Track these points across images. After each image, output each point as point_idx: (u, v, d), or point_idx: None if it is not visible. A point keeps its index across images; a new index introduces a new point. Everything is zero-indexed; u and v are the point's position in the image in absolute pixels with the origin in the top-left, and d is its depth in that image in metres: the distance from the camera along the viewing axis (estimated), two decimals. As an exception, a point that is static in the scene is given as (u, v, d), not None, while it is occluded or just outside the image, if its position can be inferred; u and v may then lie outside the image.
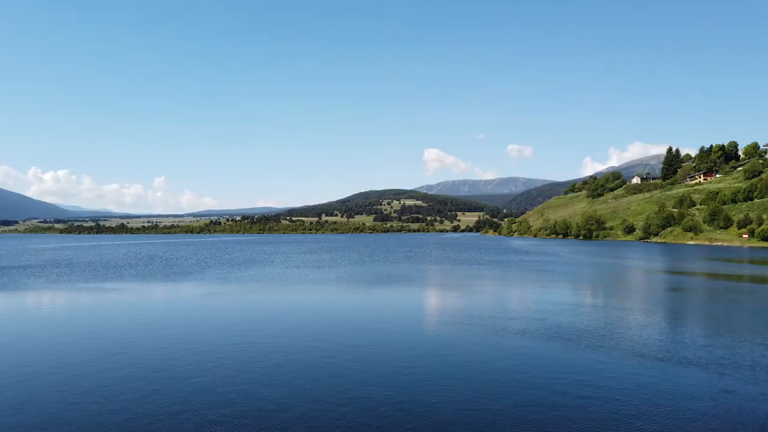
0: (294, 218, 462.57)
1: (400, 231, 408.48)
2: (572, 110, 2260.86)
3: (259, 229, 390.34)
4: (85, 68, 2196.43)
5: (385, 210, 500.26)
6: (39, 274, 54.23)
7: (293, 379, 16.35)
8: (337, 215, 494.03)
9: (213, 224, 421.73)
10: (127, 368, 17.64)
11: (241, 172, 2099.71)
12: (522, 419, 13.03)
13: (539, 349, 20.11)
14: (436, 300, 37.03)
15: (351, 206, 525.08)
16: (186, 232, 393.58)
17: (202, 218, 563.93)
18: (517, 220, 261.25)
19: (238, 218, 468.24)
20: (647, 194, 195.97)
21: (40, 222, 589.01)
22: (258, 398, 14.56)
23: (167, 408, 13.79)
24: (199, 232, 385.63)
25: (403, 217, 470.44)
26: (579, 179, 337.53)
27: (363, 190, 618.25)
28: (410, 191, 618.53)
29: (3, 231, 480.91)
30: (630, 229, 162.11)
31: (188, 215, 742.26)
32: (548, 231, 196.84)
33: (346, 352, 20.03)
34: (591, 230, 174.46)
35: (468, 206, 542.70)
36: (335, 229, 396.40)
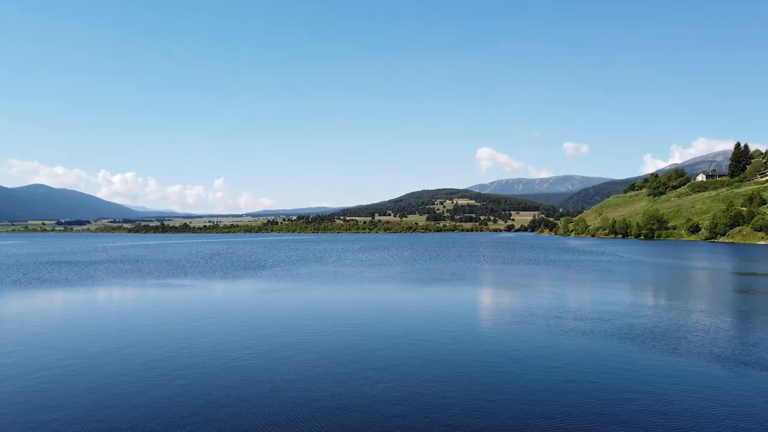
0: (348, 218, 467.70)
1: (453, 230, 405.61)
2: (631, 106, 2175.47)
3: (314, 229, 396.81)
4: (148, 76, 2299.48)
5: (438, 209, 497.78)
6: (110, 270, 57.54)
7: (350, 376, 16.84)
8: (389, 215, 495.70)
9: (270, 224, 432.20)
10: (187, 360, 18.67)
11: (296, 172, 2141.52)
12: (597, 423, 13.02)
13: (612, 351, 19.63)
14: (492, 299, 36.84)
15: (404, 206, 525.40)
16: (244, 231, 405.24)
17: (260, 218, 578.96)
18: (573, 219, 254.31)
19: (294, 218, 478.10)
20: (713, 192, 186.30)
21: (110, 222, 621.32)
22: (323, 394, 15.12)
23: (233, 398, 14.58)
24: (256, 232, 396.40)
25: (455, 217, 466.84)
26: (639, 177, 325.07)
27: (415, 190, 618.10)
28: (463, 190, 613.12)
29: (77, 230, 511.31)
30: (695, 229, 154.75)
31: (246, 215, 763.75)
32: (607, 231, 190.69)
33: (402, 350, 20.39)
34: (653, 230, 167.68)
35: (522, 205, 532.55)
36: (388, 228, 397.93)
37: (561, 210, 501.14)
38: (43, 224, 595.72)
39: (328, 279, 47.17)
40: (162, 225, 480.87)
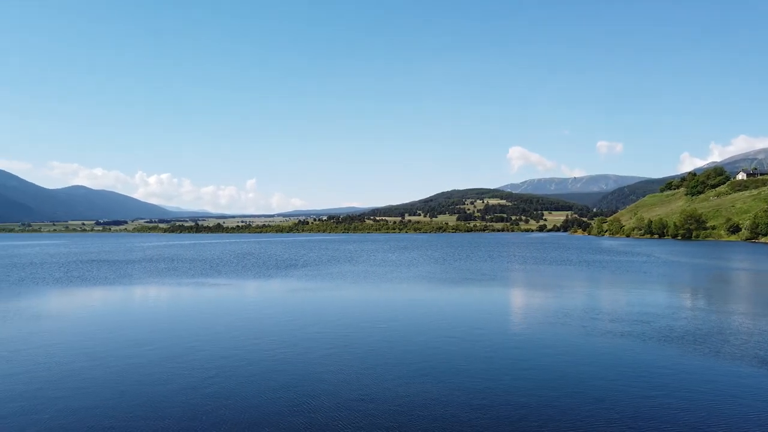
0: (377, 218, 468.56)
1: (484, 230, 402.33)
2: (667, 103, 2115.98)
3: (344, 229, 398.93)
4: (183, 79, 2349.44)
5: (468, 209, 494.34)
6: (146, 269, 58.96)
7: (383, 375, 16.84)
8: (419, 215, 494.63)
9: (301, 224, 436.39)
10: (220, 355, 18.96)
11: (327, 173, 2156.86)
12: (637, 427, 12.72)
13: (652, 354, 19.13)
14: (525, 299, 36.35)
15: (434, 206, 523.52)
16: (276, 231, 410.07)
17: (291, 218, 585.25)
18: (608, 219, 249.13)
19: (325, 218, 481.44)
20: (754, 191, 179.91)
21: (146, 222, 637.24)
22: (356, 390, 15.18)
23: (267, 392, 14.74)
24: (288, 232, 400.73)
25: (486, 217, 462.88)
26: (676, 176, 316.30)
27: (445, 190, 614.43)
28: (494, 190, 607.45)
29: (115, 230, 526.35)
30: (735, 229, 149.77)
31: (278, 215, 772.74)
32: (642, 231, 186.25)
33: (434, 349, 20.29)
34: (690, 230, 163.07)
35: (555, 205, 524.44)
36: (418, 228, 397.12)
37: (594, 210, 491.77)
38: (83, 224, 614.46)
39: (359, 279, 47.31)
40: (196, 225, 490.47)
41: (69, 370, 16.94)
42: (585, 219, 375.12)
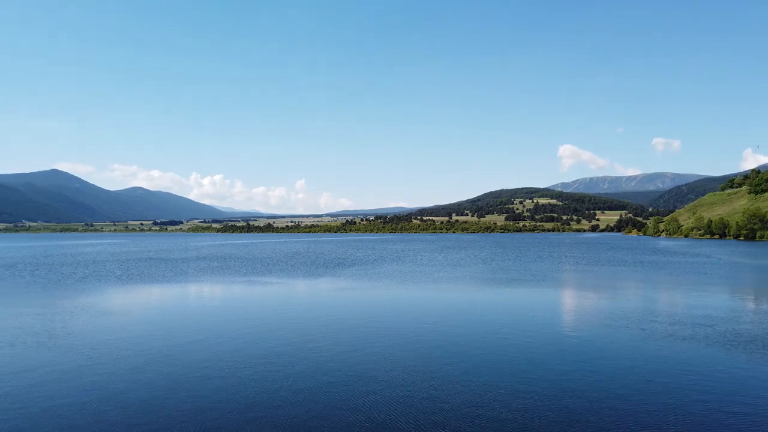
0: (425, 218, 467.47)
1: (533, 230, 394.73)
2: (728, 97, 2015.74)
3: (392, 229, 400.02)
4: (235, 83, 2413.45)
5: (517, 209, 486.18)
6: (201, 268, 60.92)
7: (428, 374, 16.81)
8: (467, 215, 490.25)
9: (349, 224, 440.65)
10: (270, 351, 19.36)
11: (374, 173, 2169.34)
12: None
13: (718, 359, 18.32)
14: (578, 301, 35.44)
15: (481, 205, 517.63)
16: (324, 231, 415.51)
17: (339, 218, 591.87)
18: (664, 219, 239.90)
19: (372, 218, 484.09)
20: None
21: (200, 222, 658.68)
22: (407, 388, 15.21)
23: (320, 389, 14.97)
24: (336, 231, 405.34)
25: (536, 217, 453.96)
26: (738, 173, 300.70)
27: (494, 189, 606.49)
28: (544, 189, 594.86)
29: (171, 230, 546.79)
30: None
31: (326, 215, 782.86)
32: (702, 231, 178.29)
33: (485, 350, 20.08)
34: (754, 230, 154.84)
35: (608, 204, 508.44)
36: (465, 228, 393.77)
37: (650, 209, 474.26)
38: (141, 224, 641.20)
39: (405, 278, 47.32)
40: (247, 225, 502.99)
41: (130, 365, 17.70)
42: (640, 219, 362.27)
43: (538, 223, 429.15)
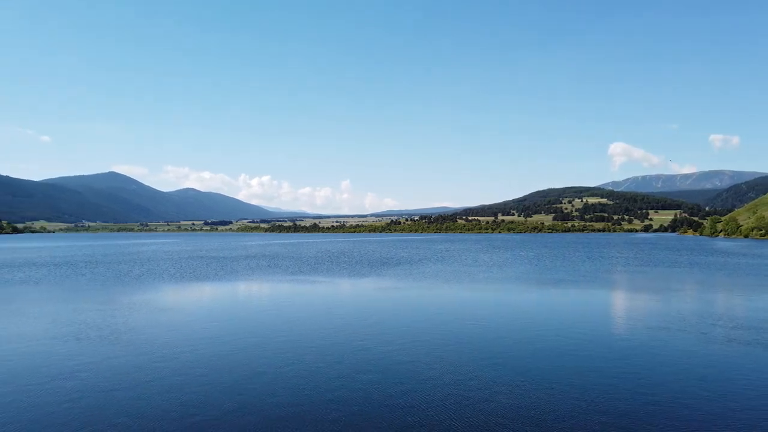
0: (470, 218, 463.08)
1: (583, 231, 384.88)
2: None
3: (436, 229, 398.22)
4: (282, 85, 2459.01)
5: (566, 209, 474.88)
6: (250, 266, 62.51)
7: (471, 375, 16.81)
8: (513, 214, 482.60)
9: (393, 224, 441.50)
10: (317, 349, 19.78)
11: (419, 173, 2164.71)
12: None
13: None
14: (632, 302, 34.49)
15: (528, 205, 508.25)
16: (369, 231, 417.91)
17: (383, 218, 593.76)
18: (722, 218, 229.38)
19: (416, 218, 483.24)
20: None
21: (249, 222, 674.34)
22: (454, 389, 15.31)
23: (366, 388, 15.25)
24: (380, 231, 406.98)
25: (585, 216, 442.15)
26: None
27: (541, 188, 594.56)
28: (593, 188, 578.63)
29: (221, 230, 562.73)
30: None
31: (371, 215, 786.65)
32: (763, 231, 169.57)
33: (533, 351, 19.90)
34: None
35: (662, 204, 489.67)
36: (512, 228, 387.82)
37: (707, 208, 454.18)
38: (193, 224, 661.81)
39: (450, 278, 47.17)
40: (294, 225, 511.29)
41: (185, 360, 18.45)
42: (696, 219, 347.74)
43: (587, 223, 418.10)
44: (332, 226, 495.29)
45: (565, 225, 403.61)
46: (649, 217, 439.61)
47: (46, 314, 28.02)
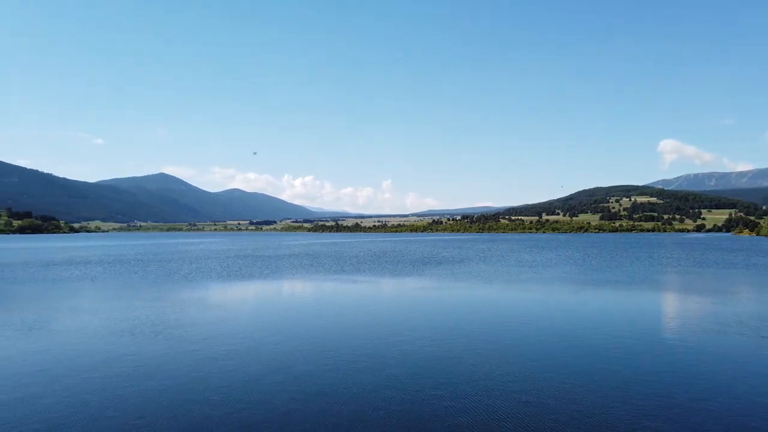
0: (513, 217, 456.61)
1: (631, 231, 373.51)
2: None
3: (478, 228, 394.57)
4: (324, 86, 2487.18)
5: (613, 208, 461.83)
6: (294, 265, 63.58)
7: (529, 379, 16.67)
8: (558, 214, 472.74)
9: (435, 223, 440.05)
10: (363, 347, 19.99)
11: (460, 172, 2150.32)
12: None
13: None
14: (683, 304, 33.32)
15: (574, 204, 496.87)
16: (410, 231, 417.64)
17: (425, 218, 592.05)
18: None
19: (458, 217, 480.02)
20: None
21: (292, 222, 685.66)
22: (500, 396, 15.26)
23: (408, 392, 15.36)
24: (422, 231, 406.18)
25: (634, 216, 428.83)
26: None
27: (587, 187, 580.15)
28: (642, 187, 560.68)
29: (266, 230, 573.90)
30: None
31: (412, 215, 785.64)
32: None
33: (575, 354, 19.58)
34: None
35: (715, 202, 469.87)
36: (556, 228, 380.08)
37: (764, 207, 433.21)
38: (239, 224, 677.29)
39: (492, 278, 46.71)
40: (336, 224, 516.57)
41: (237, 357, 18.99)
42: (752, 218, 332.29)
43: (636, 223, 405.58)
44: (374, 225, 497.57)
45: (613, 225, 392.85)
46: (701, 216, 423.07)
47: (102, 310, 29.31)
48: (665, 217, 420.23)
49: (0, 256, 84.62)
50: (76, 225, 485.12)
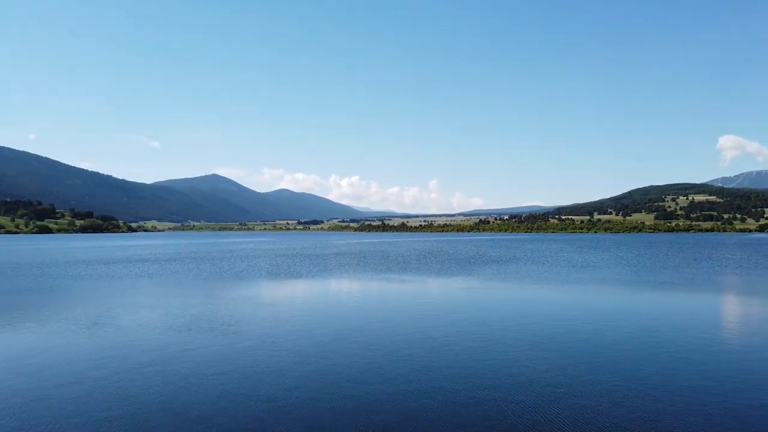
0: (563, 217, 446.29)
1: (688, 230, 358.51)
2: None
3: (527, 228, 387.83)
4: (370, 87, 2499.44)
5: (669, 207, 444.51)
6: (341, 264, 64.41)
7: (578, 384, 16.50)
8: (610, 213, 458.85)
9: (482, 223, 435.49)
10: (406, 346, 20.18)
11: (507, 171, 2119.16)
12: None
13: None
14: (746, 308, 31.94)
15: (627, 203, 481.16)
16: (457, 230, 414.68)
17: (471, 217, 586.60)
18: None
19: (506, 217, 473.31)
20: None
21: (339, 221, 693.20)
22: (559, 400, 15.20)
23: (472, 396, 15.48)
24: (469, 231, 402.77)
25: (691, 215, 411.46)
26: None
27: (641, 186, 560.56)
28: (700, 185, 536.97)
29: (313, 229, 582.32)
30: None
31: (459, 214, 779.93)
32: None
33: (628, 358, 19.19)
34: None
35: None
36: (609, 228, 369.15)
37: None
38: (287, 224, 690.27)
39: (541, 278, 45.97)
40: (382, 224, 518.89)
41: (295, 354, 19.56)
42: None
43: (693, 223, 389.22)
44: (420, 225, 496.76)
45: (669, 225, 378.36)
46: (765, 215, 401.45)
47: (160, 306, 30.63)
48: (725, 216, 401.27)
49: (64, 255, 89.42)
50: (133, 224, 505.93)
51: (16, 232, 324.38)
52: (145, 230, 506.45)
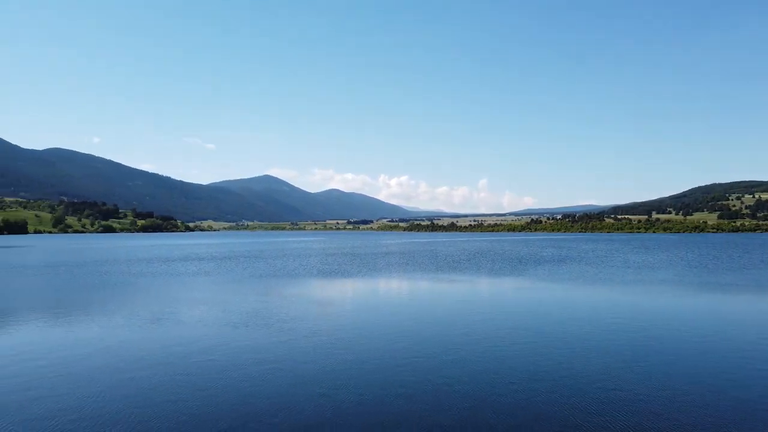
0: (619, 216, 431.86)
1: (754, 231, 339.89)
2: None
3: (581, 228, 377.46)
4: (417, 87, 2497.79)
5: (734, 206, 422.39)
6: (389, 263, 64.75)
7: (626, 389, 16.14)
8: (670, 212, 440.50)
9: (533, 222, 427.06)
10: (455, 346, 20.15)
11: (560, 170, 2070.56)
12: None
13: None
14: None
15: (687, 202, 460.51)
16: (507, 230, 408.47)
17: (523, 217, 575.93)
18: None
19: (559, 217, 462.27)
20: None
21: (389, 221, 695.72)
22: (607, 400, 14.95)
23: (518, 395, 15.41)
24: (520, 231, 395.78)
25: (758, 215, 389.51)
26: None
27: (703, 184, 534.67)
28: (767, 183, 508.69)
29: (363, 229, 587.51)
30: None
31: (509, 214, 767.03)
32: None
33: (686, 361, 18.55)
34: None
35: None
36: (668, 228, 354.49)
37: None
38: (337, 223, 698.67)
39: (596, 279, 44.76)
40: (432, 224, 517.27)
41: (349, 352, 19.96)
42: None
43: (760, 222, 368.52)
44: (470, 224, 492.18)
45: (733, 224, 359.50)
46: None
47: (217, 303, 31.74)
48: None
49: (126, 253, 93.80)
50: (191, 224, 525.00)
51: (82, 232, 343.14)
52: (201, 230, 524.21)
